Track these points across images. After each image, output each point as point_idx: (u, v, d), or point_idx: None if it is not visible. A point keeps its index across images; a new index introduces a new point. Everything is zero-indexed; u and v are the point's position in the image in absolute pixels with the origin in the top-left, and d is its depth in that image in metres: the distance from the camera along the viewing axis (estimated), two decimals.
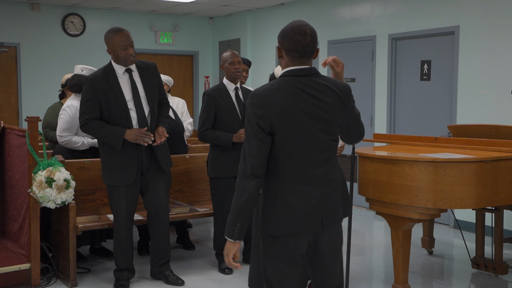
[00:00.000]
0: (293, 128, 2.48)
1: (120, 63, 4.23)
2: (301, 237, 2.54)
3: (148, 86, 4.28)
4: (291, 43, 2.52)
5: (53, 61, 9.16)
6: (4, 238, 4.81)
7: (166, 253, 4.51)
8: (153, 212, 4.41)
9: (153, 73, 4.36)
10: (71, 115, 4.77)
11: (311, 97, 2.50)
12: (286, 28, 2.55)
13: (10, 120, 8.73)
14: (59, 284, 4.47)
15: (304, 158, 2.51)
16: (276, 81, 2.55)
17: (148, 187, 4.35)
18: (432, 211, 3.86)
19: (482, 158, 3.83)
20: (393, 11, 7.19)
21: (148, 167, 4.31)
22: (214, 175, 4.68)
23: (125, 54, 4.19)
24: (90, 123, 4.16)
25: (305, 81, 2.52)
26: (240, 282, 4.59)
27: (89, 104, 4.18)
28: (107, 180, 4.28)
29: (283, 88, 2.50)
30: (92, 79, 4.21)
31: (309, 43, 2.52)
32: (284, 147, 2.49)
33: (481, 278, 4.77)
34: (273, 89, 2.50)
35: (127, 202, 4.27)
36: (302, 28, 2.52)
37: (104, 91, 4.16)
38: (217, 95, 4.68)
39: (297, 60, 2.54)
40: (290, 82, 2.52)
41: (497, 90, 6.00)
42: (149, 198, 4.38)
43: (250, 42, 9.63)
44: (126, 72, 4.25)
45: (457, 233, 6.15)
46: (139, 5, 9.12)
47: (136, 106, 4.21)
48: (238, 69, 4.70)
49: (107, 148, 4.23)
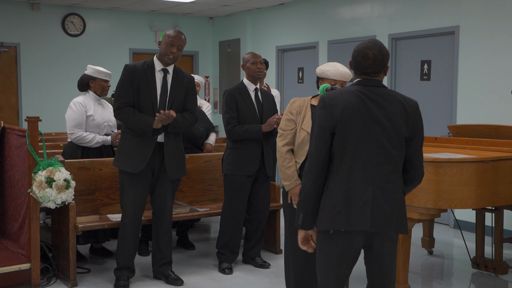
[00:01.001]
0: (354, 129, 2.59)
1: (161, 59, 4.35)
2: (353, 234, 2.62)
3: (177, 91, 4.38)
4: (354, 63, 2.70)
5: (53, 61, 9.16)
6: (4, 238, 4.81)
7: (167, 254, 4.53)
8: (158, 212, 4.46)
9: (186, 83, 4.46)
10: (75, 111, 4.83)
11: (374, 103, 2.62)
12: (356, 47, 2.72)
13: (10, 120, 8.73)
14: (59, 284, 4.47)
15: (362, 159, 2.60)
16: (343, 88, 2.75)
17: (156, 187, 4.42)
18: (432, 211, 3.86)
19: (482, 158, 3.83)
20: (393, 11, 7.19)
21: (159, 168, 4.37)
22: (229, 172, 4.70)
23: (168, 49, 4.31)
24: (124, 108, 4.26)
25: (371, 89, 2.66)
26: (240, 282, 4.59)
27: (124, 88, 4.29)
28: (117, 164, 4.37)
29: (348, 91, 2.66)
30: (132, 66, 4.35)
31: (369, 66, 2.66)
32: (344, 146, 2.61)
33: (481, 278, 4.77)
34: (339, 92, 2.68)
35: (134, 194, 4.31)
36: (365, 51, 2.66)
37: (139, 80, 4.28)
38: (237, 94, 4.71)
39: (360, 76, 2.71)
40: (355, 88, 2.67)
41: (497, 90, 6.00)
42: (156, 197, 4.44)
43: (250, 42, 9.63)
44: (162, 71, 4.36)
45: (457, 233, 6.16)
46: (139, 5, 9.12)
47: (160, 103, 4.31)
48: (260, 69, 4.75)
49: (128, 136, 4.32)
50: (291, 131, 3.63)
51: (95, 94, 4.96)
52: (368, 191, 2.58)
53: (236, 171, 4.67)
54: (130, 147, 4.29)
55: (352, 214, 2.58)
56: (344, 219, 2.59)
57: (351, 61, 2.73)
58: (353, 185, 2.59)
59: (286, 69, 9.11)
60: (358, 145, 2.60)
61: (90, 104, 4.90)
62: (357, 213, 2.58)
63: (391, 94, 2.68)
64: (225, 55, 10.19)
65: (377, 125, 2.60)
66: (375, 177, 2.60)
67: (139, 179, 4.31)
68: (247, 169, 4.66)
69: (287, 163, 3.59)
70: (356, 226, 2.58)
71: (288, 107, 3.69)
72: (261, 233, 4.94)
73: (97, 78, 4.94)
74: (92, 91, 4.96)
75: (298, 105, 3.65)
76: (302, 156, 3.57)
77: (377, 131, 2.60)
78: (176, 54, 4.34)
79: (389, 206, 2.61)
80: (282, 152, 3.62)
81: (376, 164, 2.61)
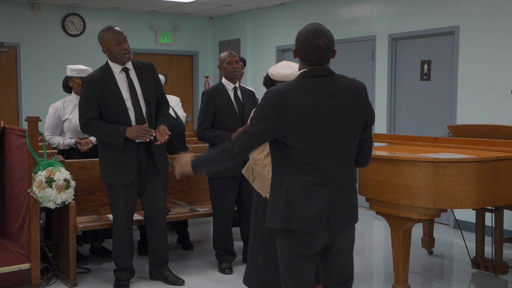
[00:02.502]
0: (310, 129, 2.49)
1: (116, 61, 4.22)
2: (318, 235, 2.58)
3: (146, 85, 4.27)
4: (304, 54, 2.55)
5: (53, 61, 9.15)
6: (4, 238, 4.81)
7: (165, 254, 4.51)
8: (150, 213, 4.40)
9: (150, 72, 4.34)
10: (49, 115, 4.96)
11: (328, 96, 2.51)
12: (301, 37, 2.56)
13: (10, 120, 8.73)
14: (59, 284, 4.47)
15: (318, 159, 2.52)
16: (292, 82, 2.56)
17: (146, 188, 4.35)
18: (432, 211, 3.86)
19: (482, 158, 3.83)
20: (393, 11, 7.19)
21: (145, 167, 4.31)
22: (213, 175, 4.67)
23: (120, 49, 4.16)
24: (90, 123, 4.15)
25: (323, 81, 2.53)
26: (240, 282, 4.58)
27: (88, 103, 4.17)
28: (106, 179, 4.28)
29: (299, 89, 2.50)
30: (90, 79, 4.20)
31: (323, 56, 2.54)
32: (301, 147, 2.51)
33: (481, 278, 4.77)
34: (289, 90, 2.51)
35: (125, 202, 4.27)
36: (316, 42, 2.52)
37: (102, 90, 4.15)
38: (216, 94, 4.69)
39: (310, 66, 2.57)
40: (307, 82, 2.53)
41: (497, 90, 6.00)
42: (146, 199, 4.38)
43: (250, 42, 9.63)
44: (123, 71, 4.24)
45: (457, 233, 6.15)
46: (139, 5, 9.12)
47: (134, 105, 4.21)
48: (236, 68, 4.72)
49: (106, 147, 4.23)
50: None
51: (76, 95, 4.97)
52: (325, 194, 2.53)
53: (220, 173, 4.62)
54: (114, 160, 4.20)
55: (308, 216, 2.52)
56: (299, 221, 2.53)
57: (297, 51, 2.58)
58: (309, 187, 2.52)
59: None
60: (313, 144, 2.51)
61: (69, 107, 4.94)
62: (313, 215, 2.52)
63: (343, 82, 2.58)
64: None
65: (331, 121, 2.51)
66: (331, 178, 2.54)
67: (129, 185, 4.26)
68: (231, 171, 4.59)
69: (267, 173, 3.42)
70: (313, 228, 2.53)
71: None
72: None
73: (73, 76, 4.97)
74: (73, 92, 5.00)
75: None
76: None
77: (332, 127, 2.51)
78: (128, 47, 4.20)
79: (345, 206, 2.59)
80: (265, 163, 3.44)
81: (332, 163, 2.54)
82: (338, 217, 2.57)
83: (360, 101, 2.59)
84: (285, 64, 3.67)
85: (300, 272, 2.64)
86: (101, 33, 4.22)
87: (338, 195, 2.56)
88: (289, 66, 3.64)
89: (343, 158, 2.58)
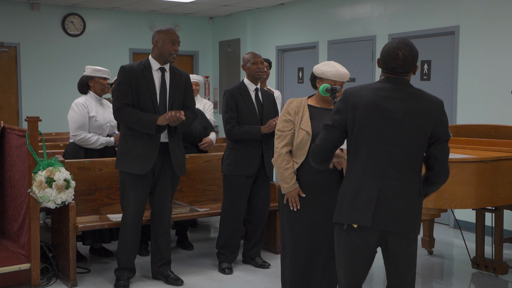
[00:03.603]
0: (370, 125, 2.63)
1: (161, 57, 4.31)
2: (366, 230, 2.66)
3: (175, 90, 4.35)
4: (384, 62, 2.70)
5: (53, 61, 9.15)
6: (4, 238, 4.81)
7: (166, 254, 4.52)
8: (157, 211, 4.45)
9: (184, 81, 4.44)
10: (77, 112, 4.84)
11: (397, 100, 2.63)
12: (385, 46, 2.73)
13: (10, 120, 8.73)
14: (59, 284, 4.47)
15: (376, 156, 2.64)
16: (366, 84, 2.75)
17: (156, 187, 4.41)
18: (432, 211, 3.86)
19: (482, 158, 3.83)
20: (393, 11, 7.19)
21: (161, 167, 4.36)
22: (229, 172, 4.69)
23: (171, 48, 4.29)
24: (124, 108, 4.21)
25: (396, 87, 2.67)
26: (240, 282, 4.59)
27: (123, 89, 4.24)
28: (121, 166, 4.31)
29: (369, 87, 2.68)
30: (128, 67, 4.31)
31: (399, 66, 2.67)
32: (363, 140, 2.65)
33: (481, 278, 4.77)
34: (360, 88, 2.71)
35: (136, 199, 4.30)
36: (395, 52, 2.67)
37: (137, 80, 4.24)
38: (237, 94, 4.69)
39: (388, 75, 2.72)
40: (380, 85, 2.69)
41: (497, 90, 6.00)
42: (156, 197, 4.43)
43: (250, 42, 9.63)
44: (160, 70, 4.33)
45: (457, 233, 6.15)
46: (139, 5, 9.12)
47: (160, 103, 4.29)
48: (261, 69, 4.72)
49: (129, 136, 4.28)
50: (289, 132, 3.60)
51: (96, 94, 4.97)
52: (375, 188, 2.61)
53: (236, 171, 4.66)
54: (134, 149, 4.25)
55: (354, 209, 2.63)
56: (346, 214, 2.65)
57: (380, 59, 2.74)
58: (363, 182, 2.64)
59: (286, 69, 9.11)
60: (374, 142, 2.63)
61: (92, 105, 4.91)
62: (360, 208, 2.62)
63: (416, 93, 2.69)
64: (225, 55, 10.19)
65: (395, 123, 2.62)
66: (386, 175, 2.62)
67: (141, 181, 4.29)
68: (247, 170, 4.65)
69: (285, 164, 3.58)
70: (356, 221, 2.62)
71: (285, 107, 3.67)
72: (261, 233, 4.94)
73: (96, 76, 4.94)
74: (92, 91, 4.97)
75: (296, 106, 3.63)
76: (301, 156, 3.56)
77: (395, 129, 2.62)
78: (177, 51, 4.33)
79: (398, 203, 2.62)
80: (281, 153, 3.59)
81: (390, 162, 2.63)
82: (387, 215, 2.62)
83: (430, 114, 2.66)
84: (326, 62, 3.72)
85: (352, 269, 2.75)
86: (161, 28, 4.38)
87: (388, 195, 2.62)
88: (331, 65, 3.67)
89: (403, 161, 2.64)
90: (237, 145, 4.67)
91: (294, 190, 3.54)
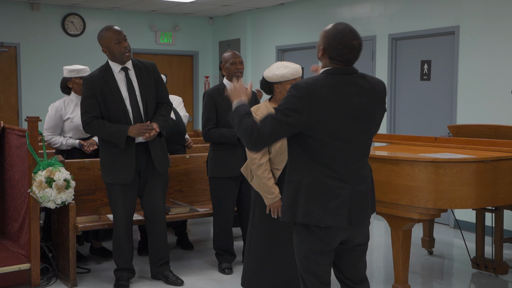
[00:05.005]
0: (336, 124, 2.53)
1: (117, 60, 4.22)
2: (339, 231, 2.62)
3: (144, 85, 4.26)
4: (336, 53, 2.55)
5: (53, 61, 9.15)
6: (4, 238, 4.81)
7: (165, 254, 4.51)
8: (150, 213, 4.41)
9: (151, 72, 4.33)
10: (50, 115, 4.91)
11: (354, 94, 2.55)
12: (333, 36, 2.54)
13: (10, 120, 8.73)
14: (59, 284, 4.47)
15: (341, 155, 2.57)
16: (319, 77, 2.57)
17: (145, 188, 4.36)
18: (432, 211, 3.86)
19: (482, 158, 3.83)
20: (393, 11, 7.19)
21: (145, 167, 4.31)
22: (213, 174, 4.67)
23: (119, 48, 4.17)
24: (92, 122, 4.16)
25: (350, 79, 2.57)
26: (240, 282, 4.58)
27: (89, 102, 4.18)
28: (106, 178, 4.29)
29: (327, 84, 2.53)
30: (90, 78, 4.22)
31: (354, 57, 2.58)
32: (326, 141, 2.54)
33: (481, 278, 4.77)
34: (318, 84, 2.52)
35: (125, 202, 4.27)
36: (351, 43, 2.54)
37: (101, 89, 4.16)
38: (217, 95, 4.67)
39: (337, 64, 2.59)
40: (334, 79, 2.55)
41: (497, 90, 6.00)
42: (146, 199, 4.38)
43: (250, 42, 9.63)
44: (122, 70, 4.25)
45: (457, 233, 6.15)
46: (139, 5, 9.12)
47: (132, 104, 4.21)
48: (240, 69, 4.68)
49: (106, 147, 4.24)
50: None
51: (77, 94, 4.97)
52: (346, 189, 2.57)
53: (220, 173, 4.62)
54: (114, 159, 4.20)
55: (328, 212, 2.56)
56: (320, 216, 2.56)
57: (326, 49, 2.57)
58: (330, 182, 2.56)
59: None
60: (336, 140, 2.54)
61: (70, 106, 4.93)
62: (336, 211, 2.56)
63: (366, 81, 2.61)
64: None
65: (356, 118, 2.56)
66: (352, 174, 2.59)
67: (128, 186, 4.26)
68: (231, 171, 4.59)
69: (267, 174, 3.54)
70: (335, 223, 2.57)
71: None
72: None
73: (72, 77, 4.97)
74: (73, 92, 5.00)
75: (263, 112, 3.58)
76: (282, 162, 3.53)
77: (356, 124, 2.56)
78: (128, 46, 4.21)
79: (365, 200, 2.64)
80: (261, 163, 3.53)
81: (354, 159, 2.59)
82: (359, 212, 2.62)
83: (380, 100, 2.66)
84: (279, 65, 3.67)
85: (317, 268, 2.68)
86: (100, 32, 4.23)
87: (358, 190, 2.61)
88: (284, 66, 3.65)
89: (362, 154, 2.64)
90: (219, 147, 4.64)
91: (279, 200, 3.52)
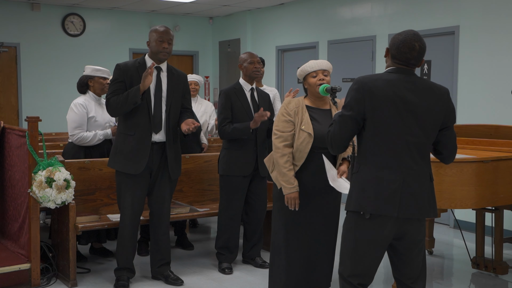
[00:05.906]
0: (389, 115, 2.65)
1: (153, 57, 4.31)
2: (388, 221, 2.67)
3: (172, 90, 4.34)
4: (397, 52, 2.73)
5: (53, 61, 9.16)
6: (4, 238, 4.81)
7: (166, 255, 4.52)
8: (156, 212, 4.44)
9: (182, 81, 4.45)
10: (76, 112, 4.85)
11: (411, 91, 2.67)
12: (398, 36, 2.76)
13: (10, 120, 8.73)
14: (59, 284, 4.47)
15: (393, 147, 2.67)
16: (377, 74, 2.75)
17: (155, 187, 4.39)
18: None
19: (482, 158, 3.83)
20: (393, 11, 7.19)
21: (158, 167, 4.35)
22: (225, 173, 4.69)
23: (159, 46, 4.27)
24: (111, 98, 4.21)
25: (408, 78, 2.70)
26: (240, 282, 4.59)
27: (115, 86, 4.24)
28: (115, 166, 4.30)
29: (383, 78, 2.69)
30: (123, 65, 4.32)
31: (414, 57, 2.73)
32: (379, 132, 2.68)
33: (481, 278, 4.77)
34: (373, 78, 2.71)
35: (133, 200, 4.29)
36: (412, 43, 2.72)
37: (131, 78, 4.24)
38: (233, 94, 4.71)
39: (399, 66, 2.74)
40: (393, 76, 2.70)
41: (497, 90, 6.00)
42: (154, 197, 4.41)
43: (250, 42, 9.63)
44: (155, 69, 4.31)
45: (457, 233, 6.15)
46: (139, 5, 9.12)
47: (155, 101, 4.28)
48: (258, 68, 4.76)
49: (123, 135, 4.27)
50: (290, 133, 3.56)
51: (95, 94, 4.97)
52: (399, 178, 2.65)
53: (232, 171, 4.66)
54: (128, 148, 4.24)
55: (379, 199, 2.64)
56: (372, 204, 2.65)
57: (391, 49, 2.76)
58: (383, 172, 2.66)
59: (286, 69, 9.11)
60: (390, 133, 2.66)
61: (91, 105, 4.91)
62: (386, 199, 2.64)
63: (426, 83, 2.74)
64: (225, 55, 10.19)
65: (410, 114, 2.66)
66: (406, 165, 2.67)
67: (137, 181, 4.28)
68: (242, 170, 4.65)
69: (289, 165, 3.55)
70: (384, 211, 2.65)
71: (283, 108, 3.63)
72: (260, 233, 4.94)
73: (95, 76, 4.95)
74: (91, 91, 4.97)
75: (294, 106, 3.61)
76: (301, 159, 3.54)
77: (411, 120, 2.66)
78: (168, 49, 4.31)
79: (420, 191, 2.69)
80: (285, 153, 3.55)
81: (407, 152, 2.67)
82: (409, 205, 2.67)
83: (440, 103, 2.72)
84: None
85: (364, 259, 2.73)
86: (153, 27, 4.40)
87: (411, 184, 2.67)
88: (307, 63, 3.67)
89: (417, 151, 2.69)
90: (232, 145, 4.67)
91: (296, 192, 3.53)
